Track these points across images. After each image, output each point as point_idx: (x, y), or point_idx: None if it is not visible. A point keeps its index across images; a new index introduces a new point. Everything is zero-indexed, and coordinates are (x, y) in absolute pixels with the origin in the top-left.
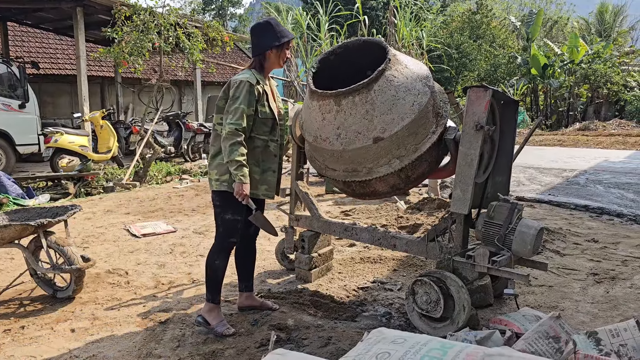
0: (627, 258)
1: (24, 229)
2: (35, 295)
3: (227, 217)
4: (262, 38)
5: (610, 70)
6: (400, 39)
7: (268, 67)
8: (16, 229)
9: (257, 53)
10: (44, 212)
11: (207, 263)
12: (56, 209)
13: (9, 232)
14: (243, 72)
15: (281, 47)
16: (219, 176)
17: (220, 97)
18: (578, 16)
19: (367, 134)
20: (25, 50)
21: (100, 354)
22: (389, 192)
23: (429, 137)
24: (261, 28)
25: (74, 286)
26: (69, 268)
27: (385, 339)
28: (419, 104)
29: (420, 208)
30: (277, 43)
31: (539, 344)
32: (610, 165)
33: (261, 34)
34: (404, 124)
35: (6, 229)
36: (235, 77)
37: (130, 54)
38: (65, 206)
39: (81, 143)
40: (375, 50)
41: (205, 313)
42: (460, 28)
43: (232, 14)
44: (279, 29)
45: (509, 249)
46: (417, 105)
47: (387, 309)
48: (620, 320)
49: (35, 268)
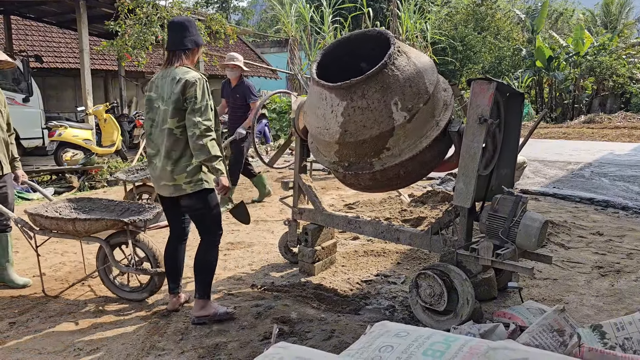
0: (632, 251)
1: (114, 223)
2: (39, 289)
3: (214, 212)
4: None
5: (616, 62)
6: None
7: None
8: (106, 223)
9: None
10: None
11: (202, 263)
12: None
13: (97, 225)
14: (187, 70)
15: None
16: (191, 178)
17: (176, 98)
18: (583, 8)
19: (371, 126)
20: (29, 44)
21: (104, 346)
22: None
23: (433, 129)
24: (189, 22)
25: (151, 288)
26: (154, 270)
27: (388, 333)
28: (424, 95)
29: (424, 201)
30: (202, 42)
31: (543, 337)
32: (616, 158)
33: (193, 29)
34: (410, 116)
35: (97, 223)
36: (186, 75)
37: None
38: (141, 204)
39: (85, 137)
40: (377, 41)
41: (200, 310)
42: (465, 20)
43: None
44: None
45: (513, 242)
46: (421, 96)
47: (391, 302)
48: (625, 313)
49: (115, 266)
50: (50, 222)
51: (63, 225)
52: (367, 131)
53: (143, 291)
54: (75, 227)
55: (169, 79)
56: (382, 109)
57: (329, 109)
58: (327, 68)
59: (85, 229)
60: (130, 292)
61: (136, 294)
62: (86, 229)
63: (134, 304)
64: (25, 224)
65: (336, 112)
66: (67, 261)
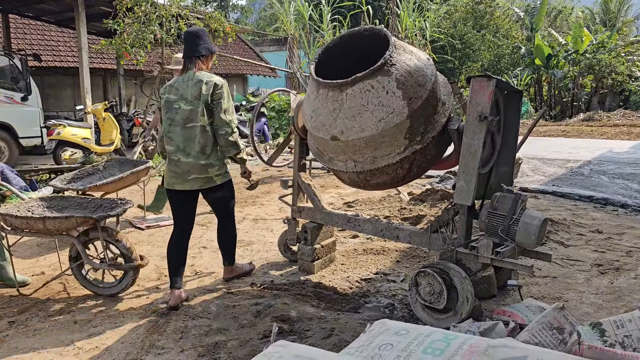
0: (632, 249)
1: (84, 221)
2: (39, 288)
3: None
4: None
5: (615, 60)
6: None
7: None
8: (76, 221)
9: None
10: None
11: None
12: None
13: (67, 223)
14: (211, 74)
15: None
16: (220, 170)
17: (205, 99)
18: (582, 6)
19: (373, 123)
20: (27, 42)
21: (103, 345)
22: (396, 181)
23: (435, 124)
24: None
25: (125, 283)
26: (128, 265)
27: (388, 331)
28: (425, 90)
29: (424, 199)
30: (215, 49)
31: (543, 335)
32: (615, 155)
33: (206, 37)
34: (420, 103)
35: (66, 221)
36: (212, 79)
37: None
38: (113, 200)
39: (84, 135)
40: (375, 39)
41: (230, 273)
42: (464, 18)
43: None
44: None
45: (513, 240)
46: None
47: (390, 301)
48: (624, 311)
49: (87, 263)
50: (20, 221)
51: (34, 224)
52: (367, 130)
53: (117, 286)
54: (45, 225)
55: (191, 82)
56: (382, 107)
57: (329, 107)
58: (325, 66)
59: (56, 227)
60: (104, 288)
61: (110, 289)
62: (57, 227)
63: (133, 303)
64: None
65: (336, 111)
66: (66, 260)
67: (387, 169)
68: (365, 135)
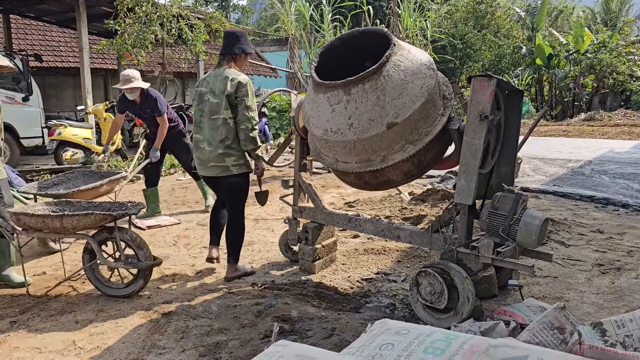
0: (633, 249)
1: (103, 218)
2: (40, 288)
3: (247, 190)
4: (241, 42)
5: (616, 60)
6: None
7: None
8: (96, 218)
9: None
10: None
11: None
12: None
13: (86, 221)
14: (238, 72)
15: (247, 57)
16: (237, 160)
17: (229, 94)
18: (583, 5)
19: (380, 121)
20: (29, 43)
21: (105, 345)
22: (402, 179)
23: (439, 120)
24: (240, 34)
25: (140, 283)
26: (144, 264)
27: (388, 330)
28: (428, 86)
29: (424, 199)
30: (249, 51)
31: (544, 335)
32: (616, 155)
33: (240, 38)
34: (416, 107)
35: (85, 218)
36: (238, 77)
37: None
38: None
39: (85, 135)
40: (376, 39)
41: (233, 273)
42: (465, 18)
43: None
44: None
45: (514, 239)
46: (426, 88)
47: (391, 300)
48: (625, 311)
49: (102, 262)
50: (36, 220)
51: (50, 222)
52: (373, 126)
53: (130, 286)
54: (62, 223)
55: (220, 77)
56: (383, 107)
57: (330, 107)
58: (326, 67)
59: (73, 225)
60: (117, 289)
61: (123, 289)
62: (74, 225)
63: (134, 303)
64: (6, 224)
65: (339, 111)
66: (67, 260)
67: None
68: (368, 135)
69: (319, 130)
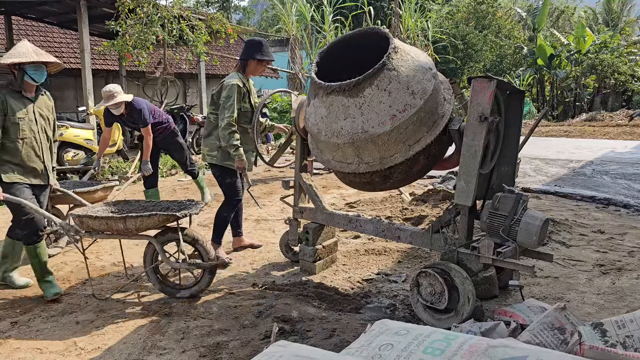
0: (634, 249)
1: (166, 219)
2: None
3: (227, 181)
4: (252, 49)
5: (618, 60)
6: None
7: (248, 72)
8: (159, 219)
9: (243, 58)
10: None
11: (218, 215)
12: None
13: (149, 222)
14: (232, 76)
15: (261, 62)
16: (209, 151)
17: (216, 92)
18: (585, 6)
19: (380, 121)
20: None
21: (105, 345)
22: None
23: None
24: (255, 42)
25: (203, 284)
26: (208, 264)
27: (388, 331)
28: (431, 83)
29: (425, 200)
30: (259, 57)
31: (544, 335)
32: (617, 155)
33: (252, 46)
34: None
35: (149, 219)
36: (227, 80)
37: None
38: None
39: (86, 136)
40: (376, 40)
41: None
42: (466, 19)
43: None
44: (267, 50)
45: (514, 240)
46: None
47: (392, 301)
48: (626, 311)
49: (167, 263)
50: (99, 222)
51: (114, 224)
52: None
53: (194, 287)
54: (126, 225)
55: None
56: (383, 107)
57: (332, 111)
58: (326, 69)
59: (137, 227)
60: (181, 290)
61: (186, 291)
62: (137, 227)
63: (135, 303)
64: (70, 228)
65: (336, 114)
66: (69, 261)
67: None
68: (366, 136)
69: (319, 132)
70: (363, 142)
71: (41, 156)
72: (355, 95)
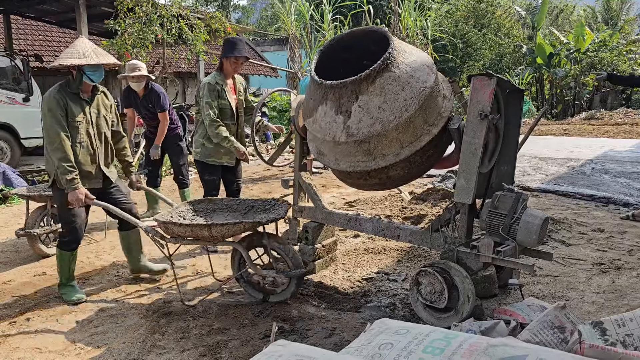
0: (633, 248)
1: (253, 226)
2: (40, 288)
3: (206, 178)
4: (225, 48)
5: (617, 58)
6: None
7: (225, 71)
8: (245, 227)
9: (219, 57)
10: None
11: None
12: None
13: (234, 229)
14: (208, 76)
15: (234, 60)
16: (195, 148)
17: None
18: (584, 4)
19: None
20: (29, 43)
21: (105, 345)
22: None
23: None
24: (229, 41)
25: (292, 290)
26: (297, 272)
27: (388, 330)
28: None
29: (425, 199)
30: (229, 55)
31: (544, 334)
32: (617, 154)
33: (228, 45)
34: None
35: (234, 227)
36: (206, 79)
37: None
38: (266, 200)
39: None
40: (376, 39)
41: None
42: (465, 17)
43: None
44: (240, 46)
45: (514, 239)
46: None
47: (392, 300)
48: (626, 310)
49: (253, 270)
50: (184, 229)
51: (199, 231)
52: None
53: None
54: (211, 232)
55: None
56: (383, 106)
57: (328, 108)
58: (325, 67)
59: (222, 234)
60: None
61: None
62: (223, 234)
63: (135, 302)
64: (155, 232)
65: (336, 112)
66: None
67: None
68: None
69: (319, 131)
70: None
71: (96, 159)
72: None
